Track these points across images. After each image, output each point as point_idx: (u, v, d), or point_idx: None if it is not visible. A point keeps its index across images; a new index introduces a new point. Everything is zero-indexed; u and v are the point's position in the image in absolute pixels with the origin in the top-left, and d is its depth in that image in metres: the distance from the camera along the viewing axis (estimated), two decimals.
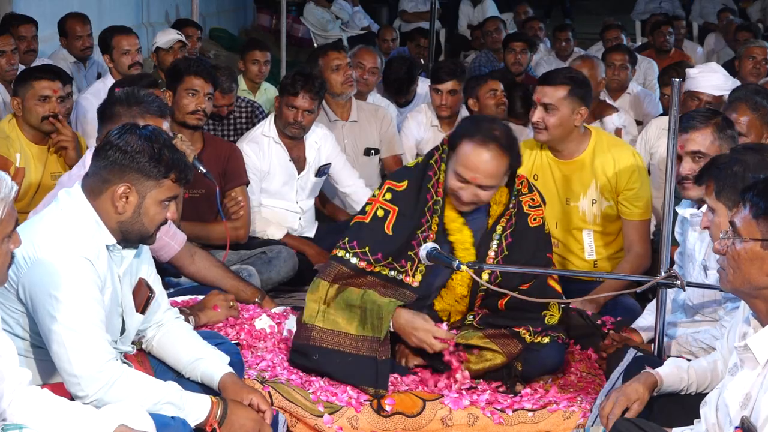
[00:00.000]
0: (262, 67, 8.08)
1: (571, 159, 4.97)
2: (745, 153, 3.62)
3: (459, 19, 13.76)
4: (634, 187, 4.90)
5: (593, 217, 4.98)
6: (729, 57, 10.16)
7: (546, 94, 4.86)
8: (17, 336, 3.19)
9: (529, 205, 4.18)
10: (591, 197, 4.96)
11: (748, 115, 4.75)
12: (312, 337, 4.03)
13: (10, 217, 2.70)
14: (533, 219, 4.18)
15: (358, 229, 4.13)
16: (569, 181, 4.97)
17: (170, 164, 3.24)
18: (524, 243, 4.14)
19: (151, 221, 3.28)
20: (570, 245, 5.04)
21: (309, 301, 4.09)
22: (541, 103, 4.85)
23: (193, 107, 5.34)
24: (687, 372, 3.40)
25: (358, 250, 4.08)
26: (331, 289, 4.07)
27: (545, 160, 5.02)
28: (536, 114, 4.87)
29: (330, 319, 4.04)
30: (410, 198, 4.11)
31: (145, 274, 3.48)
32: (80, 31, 7.81)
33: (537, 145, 5.06)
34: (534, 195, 4.21)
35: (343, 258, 4.10)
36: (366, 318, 4.01)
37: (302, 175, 5.90)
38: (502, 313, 4.12)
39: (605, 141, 5.02)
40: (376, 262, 4.07)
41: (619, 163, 4.91)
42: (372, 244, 4.08)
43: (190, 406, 3.21)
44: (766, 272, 2.75)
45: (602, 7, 17.40)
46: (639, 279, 4.14)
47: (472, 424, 3.87)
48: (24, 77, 5.42)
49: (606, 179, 4.91)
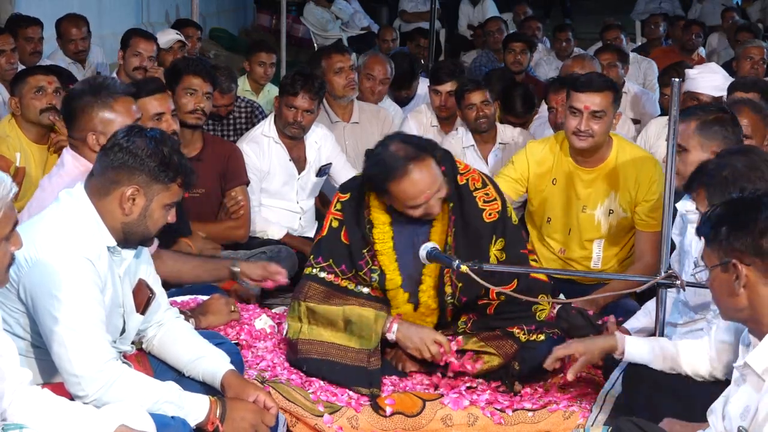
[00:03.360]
0: (267, 69, 8.10)
1: (594, 167, 4.90)
2: (731, 157, 3.59)
3: (459, 19, 13.75)
4: (653, 198, 4.83)
5: (608, 227, 4.93)
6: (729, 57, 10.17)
7: (595, 101, 4.76)
8: (18, 336, 3.19)
9: (484, 200, 4.09)
10: (608, 207, 4.90)
11: (751, 118, 4.73)
12: (299, 350, 4.05)
13: (8, 218, 2.70)
14: (488, 214, 4.08)
15: (319, 245, 4.15)
16: (588, 189, 4.91)
17: (178, 169, 3.27)
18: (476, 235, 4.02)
19: (154, 224, 3.31)
20: (577, 253, 4.99)
21: (289, 321, 4.11)
22: (590, 110, 4.75)
23: (191, 106, 5.34)
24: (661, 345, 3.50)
25: (324, 264, 4.10)
26: (306, 307, 4.07)
27: (566, 165, 4.93)
28: (583, 122, 4.75)
29: (314, 331, 4.06)
30: (352, 210, 4.09)
31: (144, 274, 3.48)
32: (75, 34, 7.83)
33: (557, 147, 4.98)
34: (488, 189, 4.11)
35: (310, 275, 4.11)
36: (352, 330, 4.01)
37: (302, 175, 5.90)
38: (492, 317, 4.12)
39: (627, 149, 4.95)
40: (342, 273, 4.08)
41: (642, 173, 4.85)
42: (335, 257, 4.09)
43: (189, 405, 3.21)
44: (735, 293, 2.79)
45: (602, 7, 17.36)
46: (639, 279, 4.13)
47: (472, 424, 3.87)
48: (20, 76, 5.45)
49: (626, 189, 4.85)
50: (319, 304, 4.06)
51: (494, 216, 4.07)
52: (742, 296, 2.79)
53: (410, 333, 4.05)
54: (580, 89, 4.83)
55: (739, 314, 2.85)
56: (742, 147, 3.84)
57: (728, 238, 2.78)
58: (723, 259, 2.80)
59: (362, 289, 4.09)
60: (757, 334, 2.83)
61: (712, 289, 2.89)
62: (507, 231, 4.10)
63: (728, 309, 2.87)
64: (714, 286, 2.87)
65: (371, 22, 14.14)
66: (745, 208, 2.81)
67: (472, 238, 4.04)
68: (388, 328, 4.05)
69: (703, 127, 4.11)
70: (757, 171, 3.50)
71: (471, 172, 4.12)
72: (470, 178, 4.10)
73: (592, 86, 4.81)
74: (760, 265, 2.75)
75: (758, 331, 2.82)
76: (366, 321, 4.00)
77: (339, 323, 4.03)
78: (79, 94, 3.96)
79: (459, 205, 4.04)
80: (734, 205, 2.85)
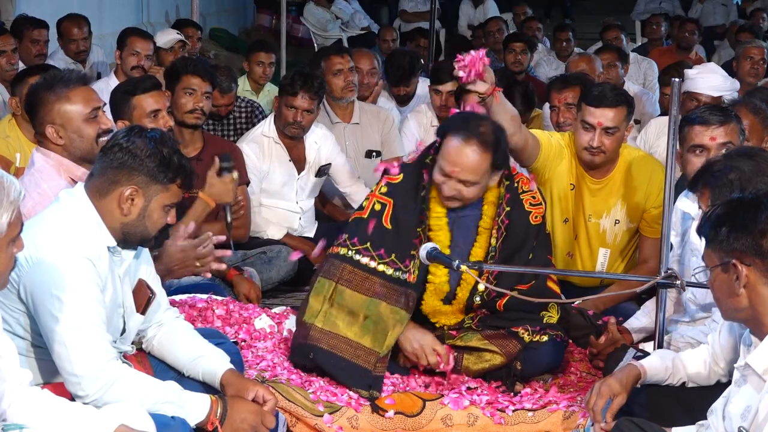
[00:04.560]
0: (266, 68, 8.11)
1: (602, 177, 4.80)
2: (738, 159, 3.59)
3: (459, 19, 13.76)
4: (661, 205, 4.78)
5: (614, 237, 4.86)
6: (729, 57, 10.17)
7: (609, 117, 4.60)
8: (18, 336, 3.19)
9: (530, 203, 4.15)
10: (614, 217, 4.83)
11: (749, 119, 4.73)
12: (309, 336, 4.02)
13: (17, 221, 2.71)
14: (534, 217, 4.14)
15: (357, 225, 4.11)
16: (596, 199, 4.82)
17: (178, 170, 3.27)
18: (521, 239, 4.10)
19: (153, 225, 3.31)
20: (583, 259, 4.91)
21: (311, 300, 4.06)
22: (603, 127, 4.61)
23: (190, 106, 5.35)
24: (672, 362, 3.42)
25: (360, 247, 4.06)
26: (336, 288, 4.04)
27: (579, 172, 4.82)
28: (596, 139, 4.61)
29: (330, 320, 4.02)
30: (406, 191, 4.09)
31: (144, 274, 3.48)
32: (76, 34, 7.83)
33: (573, 155, 4.81)
34: (535, 193, 4.18)
35: (345, 256, 4.07)
36: (368, 327, 4.00)
37: (302, 175, 5.91)
38: (500, 314, 4.12)
39: (635, 158, 4.83)
40: (379, 258, 4.05)
41: (651, 182, 4.74)
42: (373, 240, 4.06)
43: (189, 405, 3.21)
44: (735, 293, 2.79)
45: (602, 7, 17.38)
46: (639, 279, 4.14)
47: (472, 424, 3.87)
48: (20, 76, 5.46)
49: (634, 198, 4.77)
50: (349, 288, 4.03)
51: (539, 219, 4.16)
52: (743, 296, 2.79)
53: (412, 337, 4.05)
54: (592, 104, 4.64)
55: (740, 314, 2.85)
56: (749, 149, 3.82)
57: (728, 239, 2.78)
58: (723, 259, 2.80)
59: (399, 275, 4.04)
60: (758, 334, 2.84)
61: (713, 289, 2.89)
62: (541, 234, 4.18)
63: (729, 309, 2.87)
64: (714, 286, 2.87)
65: (371, 22, 14.15)
66: (745, 208, 2.81)
67: (517, 242, 4.09)
68: None
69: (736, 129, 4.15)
70: (763, 176, 3.49)
71: (519, 174, 4.19)
72: (520, 181, 4.16)
73: (607, 101, 4.62)
74: (761, 266, 2.75)
75: (759, 331, 2.82)
76: (383, 325, 4.00)
77: (359, 315, 4.01)
78: (36, 89, 3.94)
79: (512, 210, 4.10)
80: (734, 206, 2.84)
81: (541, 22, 11.91)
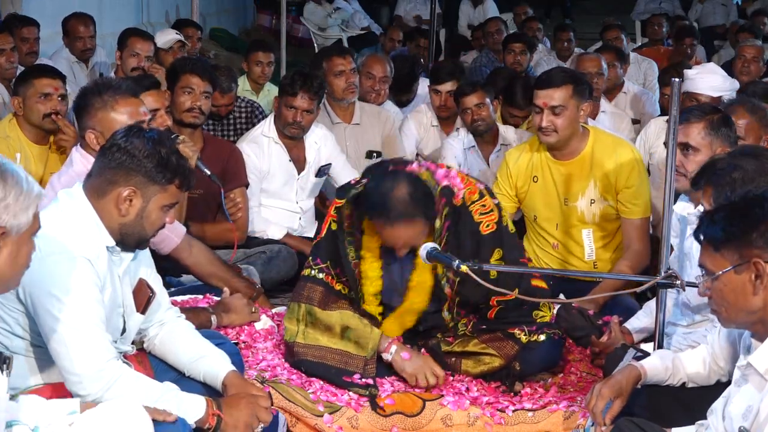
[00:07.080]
0: (265, 68, 8.10)
1: (570, 159, 4.96)
2: (743, 158, 3.57)
3: (459, 19, 13.76)
4: (633, 184, 4.89)
5: (592, 216, 4.98)
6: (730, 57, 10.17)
7: (552, 96, 4.82)
8: (17, 335, 3.19)
9: (480, 212, 4.05)
10: (589, 197, 4.96)
11: (746, 118, 4.73)
12: (295, 352, 4.07)
13: (38, 218, 2.70)
14: (486, 226, 4.04)
15: (318, 246, 4.16)
16: (568, 182, 4.97)
17: (176, 170, 3.26)
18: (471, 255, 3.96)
19: (151, 226, 3.30)
20: (570, 247, 5.04)
21: (287, 323, 4.12)
22: (548, 106, 4.81)
23: (188, 105, 5.35)
24: (672, 362, 3.41)
25: (322, 265, 4.12)
26: (306, 309, 4.08)
27: (544, 161, 5.01)
28: (544, 119, 4.82)
29: (310, 336, 4.06)
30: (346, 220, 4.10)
31: (144, 274, 3.48)
32: (83, 32, 7.84)
33: (535, 146, 5.04)
34: (485, 200, 4.06)
35: (309, 276, 4.12)
36: (349, 336, 4.03)
37: (302, 175, 5.90)
38: (492, 321, 4.11)
39: (603, 138, 5.01)
40: (337, 276, 4.11)
41: (619, 161, 4.90)
42: (332, 258, 4.11)
43: (186, 404, 3.20)
44: (752, 293, 2.73)
45: (602, 7, 17.40)
46: (639, 279, 4.13)
47: (472, 424, 3.87)
48: (24, 76, 5.44)
49: (605, 178, 4.91)
50: (317, 307, 4.06)
51: (492, 227, 4.05)
52: (759, 296, 2.73)
53: (407, 360, 4.05)
54: (538, 86, 4.92)
55: (750, 317, 2.78)
56: (754, 149, 3.81)
57: (744, 238, 2.72)
58: (741, 259, 2.72)
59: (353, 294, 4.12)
60: (759, 336, 2.81)
61: (723, 294, 2.78)
62: (504, 240, 4.08)
63: (740, 312, 2.78)
64: (725, 291, 2.78)
65: (371, 22, 14.15)
66: (753, 206, 2.75)
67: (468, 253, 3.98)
68: (386, 348, 4.05)
69: (713, 127, 4.15)
70: (767, 176, 3.48)
71: (468, 184, 4.07)
72: (467, 192, 4.05)
73: (550, 82, 4.87)
74: None
75: (764, 333, 2.79)
76: (363, 332, 4.02)
77: (336, 329, 4.04)
78: (85, 92, 4.03)
79: (454, 223, 4.02)
80: (741, 205, 2.79)
81: (541, 22, 11.90)
